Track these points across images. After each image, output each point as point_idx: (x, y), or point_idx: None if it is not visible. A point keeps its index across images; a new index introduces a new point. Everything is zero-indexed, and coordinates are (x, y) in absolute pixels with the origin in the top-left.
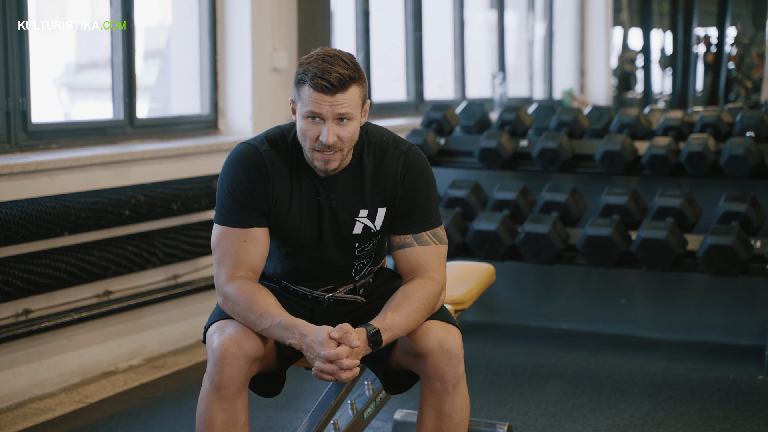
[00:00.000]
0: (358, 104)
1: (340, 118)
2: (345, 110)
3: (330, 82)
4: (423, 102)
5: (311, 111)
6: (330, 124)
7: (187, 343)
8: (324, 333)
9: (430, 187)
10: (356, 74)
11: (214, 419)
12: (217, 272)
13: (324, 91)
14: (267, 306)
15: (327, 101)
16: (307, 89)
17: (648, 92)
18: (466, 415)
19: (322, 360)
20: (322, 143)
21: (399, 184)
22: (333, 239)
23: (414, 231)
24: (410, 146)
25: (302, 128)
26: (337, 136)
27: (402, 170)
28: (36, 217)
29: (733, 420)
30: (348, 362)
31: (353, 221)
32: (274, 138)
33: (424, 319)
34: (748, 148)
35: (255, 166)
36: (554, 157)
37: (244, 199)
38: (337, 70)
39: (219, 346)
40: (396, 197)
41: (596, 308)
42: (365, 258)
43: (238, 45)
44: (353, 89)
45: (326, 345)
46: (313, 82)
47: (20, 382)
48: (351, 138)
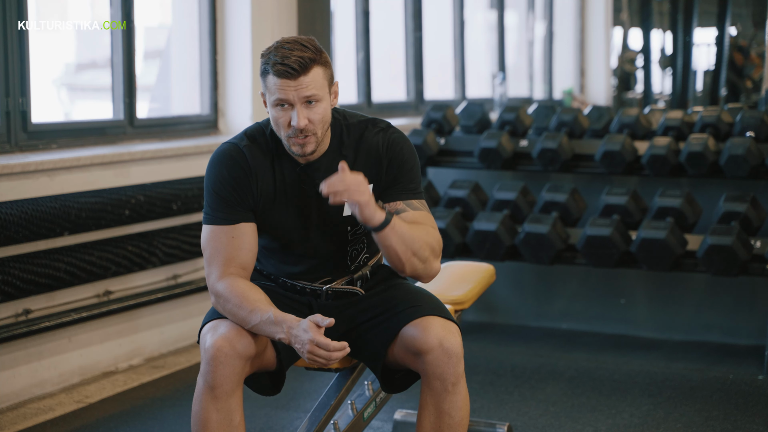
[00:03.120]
0: (323, 85)
1: (308, 101)
2: (311, 92)
3: (291, 66)
4: (423, 102)
5: (278, 99)
6: (299, 108)
7: (186, 343)
8: (307, 322)
9: (414, 156)
10: (316, 56)
11: (209, 419)
12: (208, 271)
13: (287, 76)
14: (256, 302)
15: (291, 86)
16: (272, 78)
17: (648, 92)
18: (465, 414)
19: (310, 344)
20: (294, 128)
21: (383, 157)
22: (323, 225)
23: (403, 198)
24: (388, 124)
25: (274, 117)
26: (307, 119)
27: (384, 144)
28: (36, 217)
29: (733, 420)
30: (337, 344)
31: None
32: (253, 133)
33: (422, 249)
34: (748, 148)
35: (237, 162)
36: (554, 157)
37: (229, 196)
38: (296, 54)
39: (211, 346)
40: (382, 170)
41: (596, 308)
42: (359, 242)
43: (238, 45)
44: (315, 70)
45: (310, 330)
46: (275, 69)
47: (20, 382)
48: (322, 119)
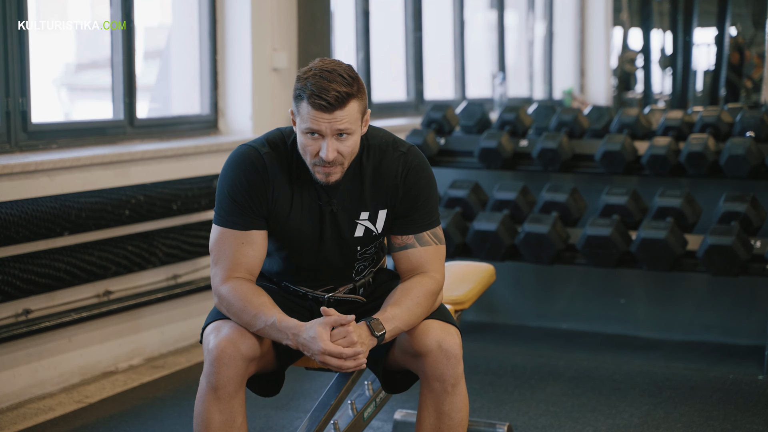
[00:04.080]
0: (357, 119)
1: (340, 133)
2: (344, 126)
3: (328, 101)
4: (423, 102)
5: (310, 128)
6: (329, 140)
7: (187, 343)
8: (314, 328)
9: (431, 187)
10: (354, 89)
11: (212, 419)
12: (214, 272)
13: (322, 109)
14: (261, 306)
15: (326, 119)
16: (306, 106)
17: (648, 92)
18: (465, 415)
19: (321, 354)
20: (322, 159)
21: (400, 185)
22: (334, 242)
23: (415, 231)
24: (410, 147)
25: (302, 143)
26: (337, 152)
27: (402, 171)
28: (36, 217)
29: (733, 420)
30: (350, 351)
31: (354, 224)
32: (275, 141)
33: (423, 315)
34: (748, 148)
35: (255, 168)
36: (554, 157)
37: (244, 202)
38: (335, 88)
39: (215, 347)
40: (397, 198)
41: (596, 308)
42: (366, 260)
43: (238, 45)
44: (352, 105)
45: (319, 340)
46: (311, 101)
47: (20, 382)
48: (351, 152)
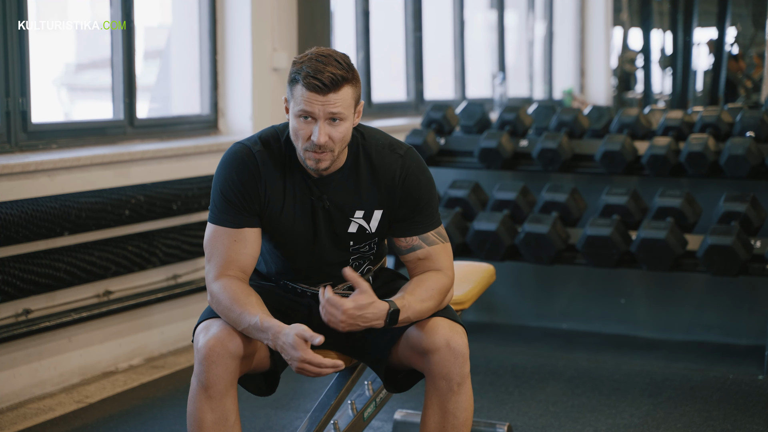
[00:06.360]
0: (350, 105)
1: (332, 118)
2: (337, 110)
3: (322, 81)
4: (423, 102)
5: (303, 110)
6: (321, 123)
7: (187, 343)
8: (292, 335)
9: (431, 188)
10: (349, 74)
11: (204, 419)
12: (207, 269)
13: (316, 90)
14: (247, 305)
15: (319, 101)
16: (300, 88)
17: (648, 92)
18: (470, 414)
19: (297, 362)
20: (313, 143)
21: (398, 188)
22: (328, 238)
23: (419, 232)
24: (407, 149)
25: (294, 127)
26: (328, 136)
27: (400, 174)
28: (36, 217)
29: (733, 420)
30: (328, 362)
31: (348, 221)
32: (268, 138)
33: (433, 309)
34: (748, 148)
35: (247, 167)
36: (554, 157)
37: (236, 200)
38: (330, 70)
39: (204, 346)
40: (395, 200)
41: (596, 308)
42: (362, 257)
43: (238, 45)
44: (346, 89)
45: (297, 347)
46: (306, 82)
47: (20, 382)
48: (342, 138)
